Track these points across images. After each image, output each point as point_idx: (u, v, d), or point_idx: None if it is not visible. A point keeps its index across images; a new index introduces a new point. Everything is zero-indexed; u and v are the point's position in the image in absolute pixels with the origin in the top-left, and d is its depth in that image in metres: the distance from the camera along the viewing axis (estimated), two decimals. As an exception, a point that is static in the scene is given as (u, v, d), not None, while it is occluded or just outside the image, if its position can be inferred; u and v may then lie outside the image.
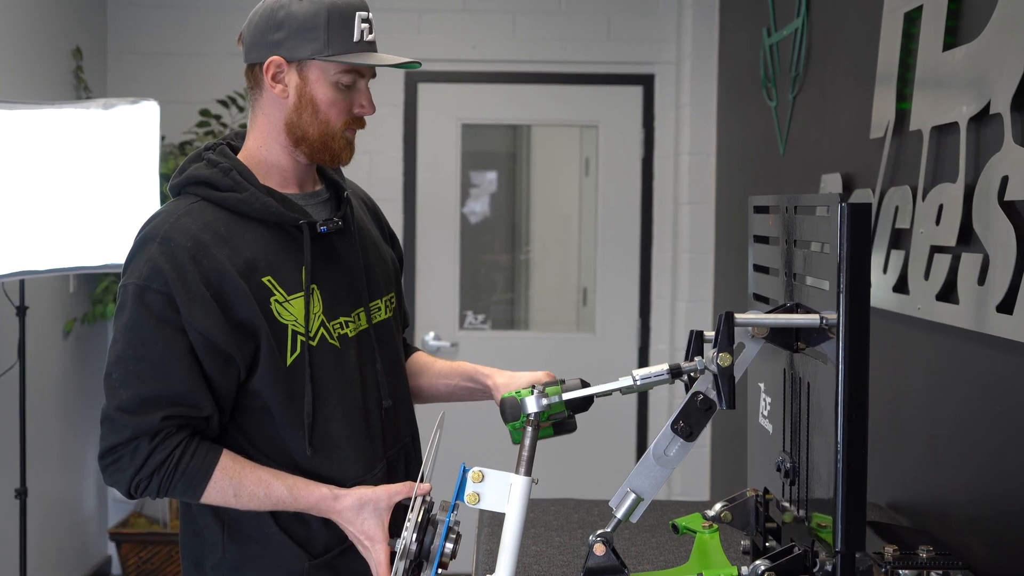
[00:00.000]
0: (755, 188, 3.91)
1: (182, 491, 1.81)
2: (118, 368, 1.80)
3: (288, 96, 1.88)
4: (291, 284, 1.86)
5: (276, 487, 1.81)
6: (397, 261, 2.19)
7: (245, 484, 1.80)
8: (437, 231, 4.96)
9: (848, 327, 1.40)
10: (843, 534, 1.41)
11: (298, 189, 1.96)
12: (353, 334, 1.94)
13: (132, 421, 1.78)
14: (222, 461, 1.81)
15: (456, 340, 4.98)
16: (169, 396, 1.78)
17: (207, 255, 1.80)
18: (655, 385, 1.62)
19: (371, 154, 4.80)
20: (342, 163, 1.94)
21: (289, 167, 1.94)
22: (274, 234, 1.87)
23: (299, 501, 1.82)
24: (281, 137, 1.91)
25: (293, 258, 1.88)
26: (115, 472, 1.81)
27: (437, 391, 2.18)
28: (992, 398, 1.94)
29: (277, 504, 1.82)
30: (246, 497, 1.81)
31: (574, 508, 2.38)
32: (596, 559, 1.60)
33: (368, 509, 1.79)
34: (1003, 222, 1.86)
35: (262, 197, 1.86)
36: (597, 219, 5.03)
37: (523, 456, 1.64)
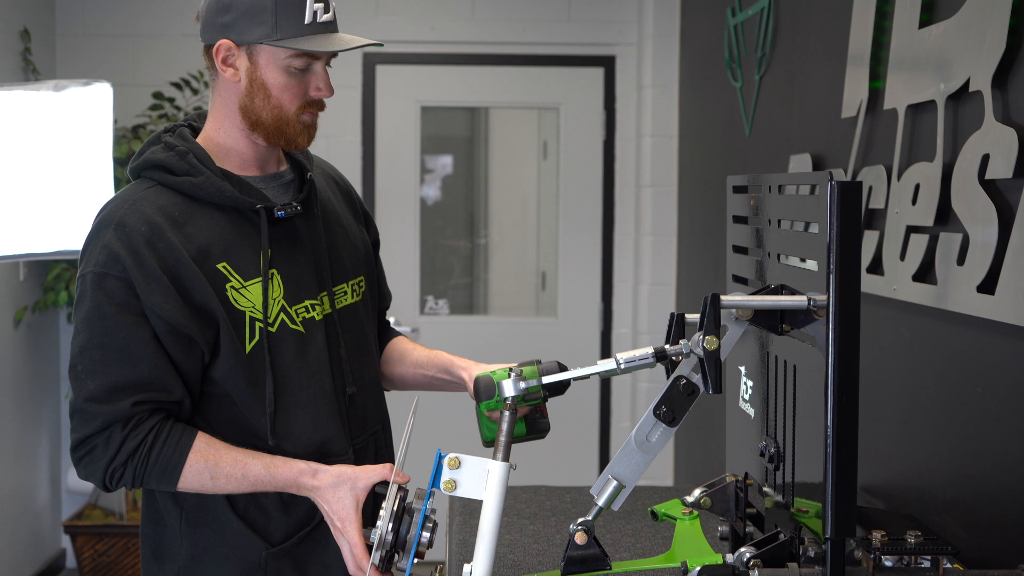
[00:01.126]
0: (719, 170, 3.88)
1: (158, 477, 1.76)
2: (83, 359, 1.75)
3: (240, 80, 1.83)
4: (248, 270, 1.81)
5: (253, 466, 1.76)
6: (371, 243, 2.13)
7: (221, 465, 1.76)
8: (396, 215, 4.90)
9: (838, 308, 1.37)
10: (833, 520, 1.38)
11: (259, 171, 1.90)
12: (319, 318, 1.89)
13: (103, 410, 1.73)
14: (196, 444, 1.76)
15: (417, 325, 4.93)
16: (138, 382, 1.74)
17: (162, 239, 1.76)
18: (639, 368, 1.58)
19: (328, 138, 4.72)
20: (299, 147, 1.88)
21: (248, 150, 1.89)
22: (231, 219, 1.82)
23: (277, 479, 1.77)
24: (237, 120, 1.86)
25: (251, 243, 1.83)
26: (89, 464, 1.75)
27: (415, 381, 2.14)
28: (971, 379, 1.92)
29: (255, 484, 1.77)
30: (223, 479, 1.76)
31: (546, 495, 2.34)
32: (577, 548, 1.56)
33: (345, 487, 1.75)
34: (983, 201, 1.83)
35: (217, 181, 1.81)
36: (558, 202, 4.98)
37: (500, 441, 1.60)
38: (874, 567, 1.48)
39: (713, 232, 3.97)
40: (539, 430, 2.03)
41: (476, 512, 2.18)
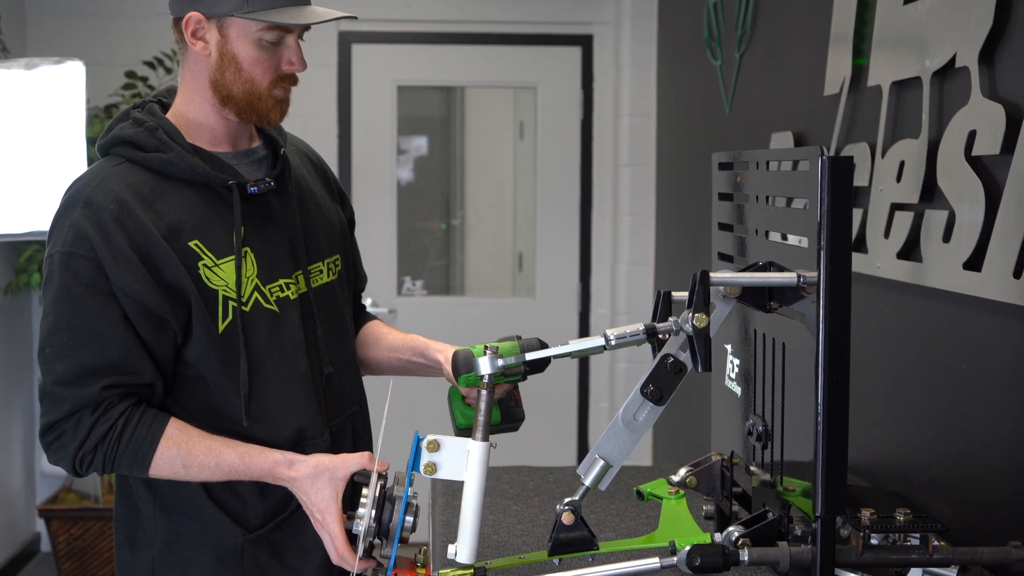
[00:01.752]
0: (698, 149, 3.87)
1: (128, 464, 1.72)
2: (51, 341, 1.71)
3: (210, 54, 1.79)
4: (221, 248, 1.77)
5: (227, 455, 1.72)
6: (347, 221, 2.10)
7: (194, 454, 1.72)
8: (373, 197, 4.86)
9: (829, 285, 1.35)
10: (823, 499, 1.37)
11: (231, 147, 1.87)
12: (295, 296, 1.86)
13: (71, 394, 1.68)
14: (168, 430, 1.72)
15: (394, 307, 4.90)
16: (108, 365, 1.69)
17: (132, 216, 1.71)
18: (629, 345, 1.56)
19: (304, 118, 4.66)
20: (271, 123, 1.85)
21: (219, 125, 1.84)
22: (202, 196, 1.78)
23: (251, 469, 1.73)
24: (208, 95, 1.81)
25: (223, 220, 1.79)
26: (58, 449, 1.71)
27: (390, 365, 2.10)
28: (956, 357, 1.91)
29: (229, 474, 1.73)
30: (195, 467, 1.72)
31: (529, 476, 2.32)
32: (564, 529, 1.55)
33: (324, 478, 1.71)
34: (970, 177, 1.82)
35: (188, 157, 1.76)
36: (536, 182, 4.96)
37: (480, 421, 1.57)
38: (863, 545, 1.47)
39: (692, 211, 3.95)
40: (513, 419, 2.00)
41: (459, 493, 2.15)
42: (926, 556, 1.48)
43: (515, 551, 1.85)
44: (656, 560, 1.48)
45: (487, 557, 1.74)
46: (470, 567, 1.56)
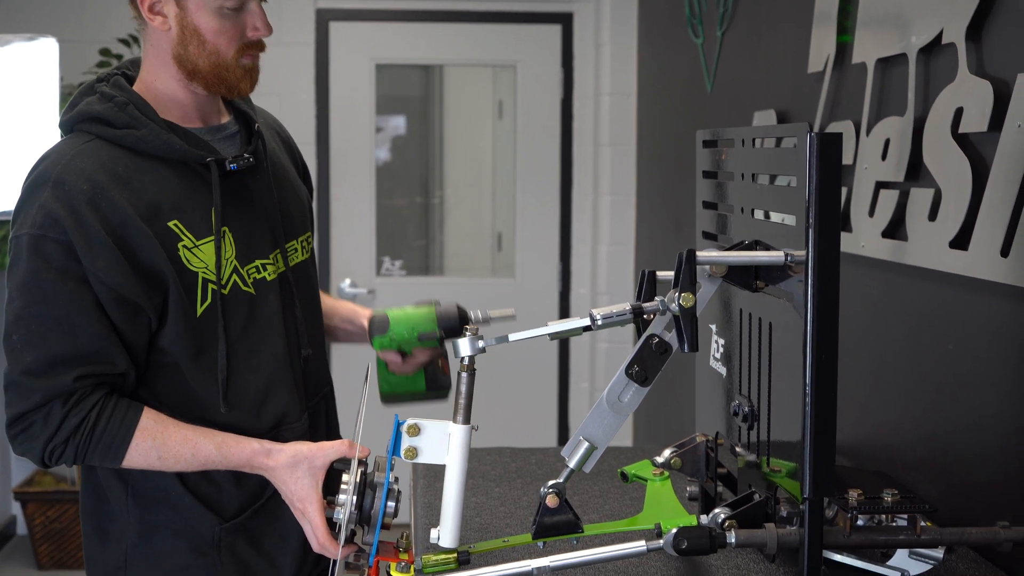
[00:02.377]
0: (680, 128, 3.84)
1: (101, 456, 1.66)
2: (19, 328, 1.62)
3: (170, 28, 1.71)
4: (200, 228, 1.70)
5: (204, 446, 1.68)
6: (308, 187, 2.04)
7: (169, 445, 1.67)
8: (351, 176, 4.82)
9: (818, 264, 1.33)
10: (811, 480, 1.35)
11: (202, 123, 1.79)
12: (272, 277, 1.81)
13: (41, 384, 1.61)
14: (143, 421, 1.66)
15: (373, 287, 4.86)
16: (80, 354, 1.62)
17: (106, 198, 1.63)
18: (615, 325, 1.53)
19: (281, 96, 4.62)
20: (242, 94, 1.77)
21: (188, 100, 1.76)
22: (179, 173, 1.71)
23: (229, 459, 1.69)
24: (173, 70, 1.73)
25: (201, 199, 1.72)
26: (26, 440, 1.64)
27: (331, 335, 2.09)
28: (942, 336, 1.90)
29: (205, 464, 1.69)
30: (171, 459, 1.67)
31: (511, 457, 2.30)
32: (549, 512, 1.52)
33: (303, 468, 1.67)
34: (957, 155, 1.80)
35: (163, 134, 1.69)
36: (516, 162, 4.93)
37: (460, 403, 1.55)
38: (851, 526, 1.46)
39: (673, 191, 3.93)
40: (439, 386, 2.00)
41: (440, 475, 2.13)
42: (914, 537, 1.46)
43: (498, 533, 1.83)
44: (642, 543, 1.46)
45: (470, 539, 1.72)
46: (453, 551, 1.54)
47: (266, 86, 1.84)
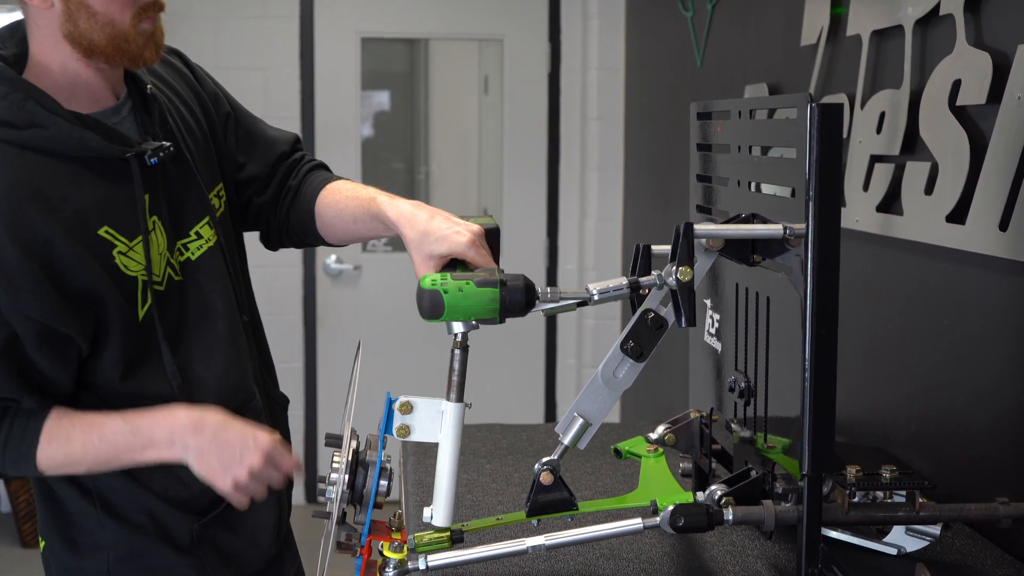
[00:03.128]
0: (668, 102, 3.81)
1: (14, 468, 1.55)
2: None
3: (52, 4, 1.51)
4: (129, 228, 1.55)
5: (109, 423, 1.54)
6: (223, 116, 1.81)
7: (73, 437, 1.53)
8: (337, 151, 4.77)
9: (818, 237, 1.31)
10: (810, 456, 1.33)
11: (115, 99, 1.61)
12: (197, 255, 1.66)
13: None
14: (47, 425, 1.53)
15: (359, 263, 4.83)
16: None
17: (23, 218, 1.45)
18: (613, 300, 1.51)
19: (265, 70, 4.57)
20: (147, 62, 1.58)
21: (95, 79, 1.57)
22: (96, 172, 1.53)
23: (137, 429, 1.54)
24: (67, 50, 1.53)
25: (123, 194, 1.55)
26: None
27: (360, 236, 1.83)
28: (938, 311, 1.88)
29: (114, 446, 1.54)
30: (78, 448, 1.53)
31: (501, 434, 2.28)
32: (543, 489, 1.50)
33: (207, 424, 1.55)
34: (954, 128, 1.78)
35: (75, 131, 1.50)
36: (503, 136, 4.89)
37: (453, 381, 1.52)
38: (849, 503, 1.44)
39: (661, 166, 3.91)
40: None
41: (430, 452, 2.12)
42: (913, 513, 1.45)
43: (490, 510, 1.81)
44: (638, 521, 1.45)
45: (462, 517, 1.70)
46: (446, 530, 1.52)
47: (250, 60, 1.78)
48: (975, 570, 1.55)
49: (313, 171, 1.87)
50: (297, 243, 1.90)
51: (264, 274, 4.54)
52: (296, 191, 1.84)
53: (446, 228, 1.58)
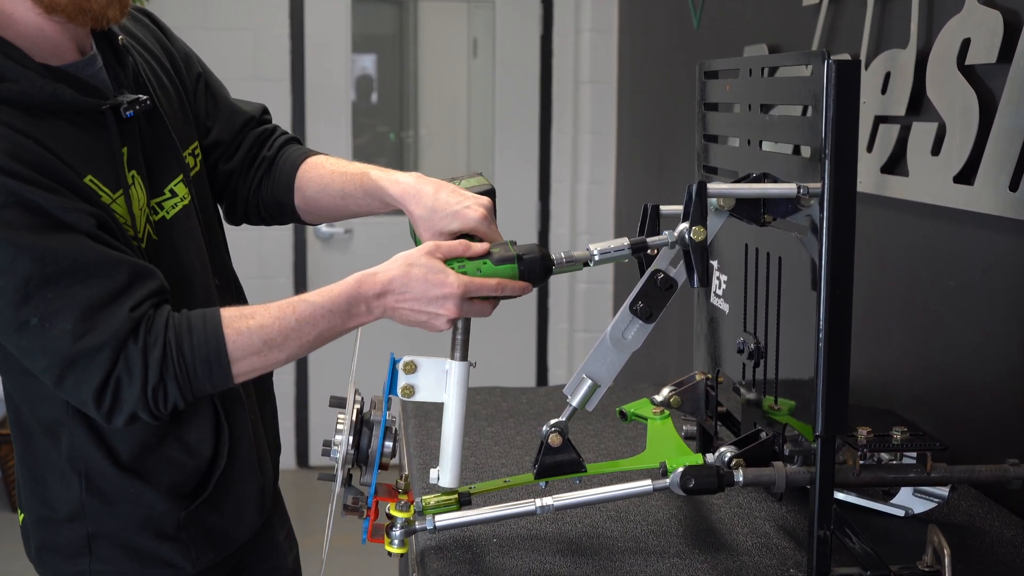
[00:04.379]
0: (663, 65, 3.78)
1: (207, 375, 1.41)
2: (36, 308, 1.35)
3: None
4: (110, 179, 1.47)
5: (299, 304, 1.43)
6: (192, 78, 1.74)
7: (267, 324, 1.42)
8: (326, 114, 4.73)
9: (834, 196, 1.29)
10: (824, 417, 1.32)
11: (80, 54, 1.52)
12: (172, 214, 1.58)
13: (101, 337, 1.36)
14: (224, 317, 1.42)
15: (350, 227, 4.80)
16: (118, 287, 1.38)
17: (24, 149, 1.37)
18: (613, 261, 1.49)
19: (256, 31, 4.51)
20: (112, 21, 1.49)
21: (57, 33, 1.47)
22: (73, 123, 1.46)
23: (335, 300, 1.44)
24: (28, 5, 1.44)
25: (103, 147, 1.48)
26: (123, 405, 1.40)
27: (348, 211, 1.77)
28: (943, 272, 1.87)
29: (315, 325, 1.44)
30: (278, 336, 1.42)
31: (501, 396, 2.27)
32: (551, 451, 1.49)
33: (419, 262, 1.44)
34: (963, 88, 1.77)
35: (47, 84, 1.42)
36: (494, 99, 4.86)
37: (457, 339, 1.50)
38: (860, 464, 1.43)
39: (655, 129, 3.88)
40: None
41: (431, 415, 2.11)
42: (924, 475, 1.44)
43: (494, 473, 1.80)
44: (648, 482, 1.44)
45: (466, 480, 1.69)
46: (454, 492, 1.51)
47: (239, 21, 1.72)
48: (983, 531, 1.55)
49: (288, 144, 1.82)
50: (265, 219, 1.83)
51: (254, 238, 4.51)
52: (272, 163, 1.79)
53: (455, 203, 1.57)
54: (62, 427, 1.53)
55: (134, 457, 1.55)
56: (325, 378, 4.85)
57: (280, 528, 1.84)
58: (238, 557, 1.72)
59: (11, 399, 1.58)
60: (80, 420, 1.52)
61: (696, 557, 1.45)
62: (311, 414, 4.91)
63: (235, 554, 1.70)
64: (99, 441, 1.53)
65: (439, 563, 1.44)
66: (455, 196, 1.59)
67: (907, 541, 1.51)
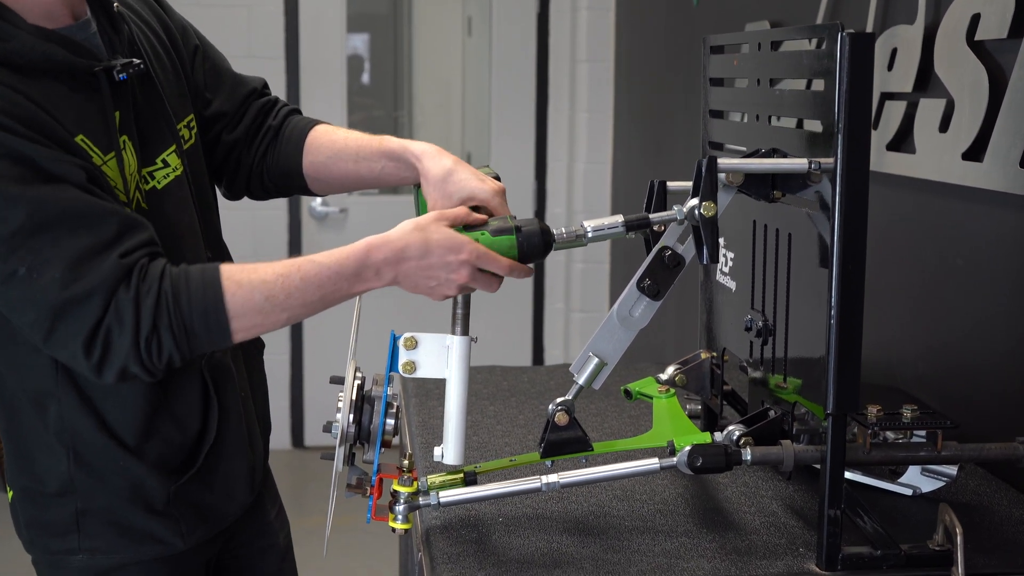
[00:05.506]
0: (662, 43, 3.76)
1: (203, 327, 1.37)
2: (23, 257, 1.32)
3: None
4: (103, 141, 1.45)
5: (305, 265, 1.40)
6: (189, 50, 1.71)
7: (269, 281, 1.38)
8: (323, 94, 4.69)
9: (847, 171, 1.27)
10: (835, 395, 1.31)
11: (72, 19, 1.49)
12: (163, 184, 1.55)
13: (89, 284, 1.32)
14: (224, 269, 1.38)
15: (345, 206, 4.77)
16: (108, 236, 1.35)
17: (15, 104, 1.35)
18: (606, 239, 1.47)
19: (249, 7, 4.47)
20: None
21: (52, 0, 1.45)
22: (65, 84, 1.43)
23: (343, 263, 1.40)
24: None
25: (96, 108, 1.46)
26: (113, 355, 1.35)
27: (360, 178, 1.73)
28: (950, 250, 1.86)
29: (321, 286, 1.40)
30: (281, 295, 1.38)
31: (502, 375, 2.26)
32: (558, 430, 1.47)
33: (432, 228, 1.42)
34: (972, 64, 1.75)
35: (39, 44, 1.40)
36: (490, 78, 4.82)
37: (458, 314, 1.49)
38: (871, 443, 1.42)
39: (652, 108, 3.86)
40: None
41: (432, 393, 2.09)
42: (934, 453, 1.43)
43: (497, 452, 1.78)
44: (655, 461, 1.42)
45: (470, 460, 1.68)
46: (459, 470, 1.49)
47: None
48: (991, 510, 1.54)
49: (292, 114, 1.81)
50: (270, 189, 1.80)
51: (248, 217, 4.48)
52: (277, 132, 1.77)
53: (471, 175, 1.57)
54: (50, 398, 1.50)
55: (124, 427, 1.52)
56: (320, 359, 4.84)
57: (271, 506, 1.83)
58: (229, 535, 1.71)
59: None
60: (70, 388, 1.49)
61: (704, 536, 1.44)
62: (306, 394, 4.89)
63: (225, 531, 1.69)
64: (89, 410, 1.51)
65: (444, 542, 1.42)
66: (472, 173, 1.59)
67: (915, 520, 1.50)
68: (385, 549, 3.80)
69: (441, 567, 1.35)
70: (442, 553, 1.39)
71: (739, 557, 1.38)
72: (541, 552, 1.40)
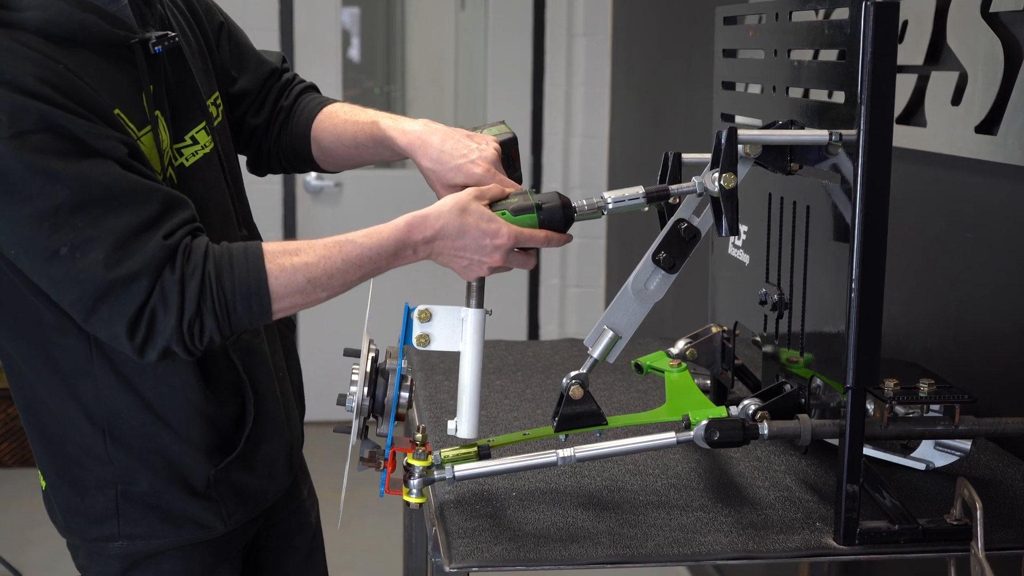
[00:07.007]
0: (659, 16, 3.73)
1: (246, 308, 1.36)
2: (66, 236, 1.30)
3: None
4: (137, 116, 1.43)
5: (347, 245, 1.40)
6: (214, 27, 1.70)
7: (312, 262, 1.38)
8: (318, 68, 4.66)
9: (870, 143, 1.26)
10: (855, 368, 1.30)
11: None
12: (192, 161, 1.54)
13: (135, 265, 1.31)
14: (267, 251, 1.38)
15: (340, 180, 4.75)
16: (149, 216, 1.33)
17: (55, 73, 1.32)
18: (628, 210, 1.46)
19: (243, -22, 4.44)
20: None
21: None
22: (100, 55, 1.40)
23: (383, 243, 1.41)
24: None
25: (131, 82, 1.44)
26: (158, 336, 1.34)
27: (363, 160, 1.75)
28: (960, 224, 1.85)
29: (360, 265, 1.41)
30: (321, 274, 1.39)
31: (507, 350, 2.24)
32: (572, 403, 1.46)
33: (471, 209, 1.42)
34: (987, 36, 1.73)
35: (75, 13, 1.36)
36: (486, 51, 4.79)
37: (473, 286, 1.47)
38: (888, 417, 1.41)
39: (650, 81, 3.84)
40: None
41: (437, 367, 2.08)
42: (952, 427, 1.43)
43: (507, 427, 1.77)
44: (672, 435, 1.41)
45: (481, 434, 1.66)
46: (473, 445, 1.48)
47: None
48: (1005, 485, 1.54)
49: (305, 92, 1.79)
50: (288, 168, 1.81)
51: (244, 190, 4.45)
52: (288, 112, 1.77)
53: (459, 156, 1.55)
54: (84, 377, 1.48)
55: (161, 404, 1.50)
56: (317, 337, 4.82)
57: (304, 485, 1.83)
58: (266, 516, 1.70)
59: (15, 363, 1.52)
60: (106, 366, 1.47)
61: (720, 511, 1.43)
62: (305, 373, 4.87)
63: (264, 513, 1.67)
64: (126, 387, 1.48)
65: (460, 517, 1.41)
66: (461, 146, 1.56)
67: (929, 495, 1.49)
68: (393, 523, 3.79)
69: (458, 542, 1.34)
70: (457, 528, 1.38)
71: (756, 531, 1.37)
72: (557, 527, 1.39)
